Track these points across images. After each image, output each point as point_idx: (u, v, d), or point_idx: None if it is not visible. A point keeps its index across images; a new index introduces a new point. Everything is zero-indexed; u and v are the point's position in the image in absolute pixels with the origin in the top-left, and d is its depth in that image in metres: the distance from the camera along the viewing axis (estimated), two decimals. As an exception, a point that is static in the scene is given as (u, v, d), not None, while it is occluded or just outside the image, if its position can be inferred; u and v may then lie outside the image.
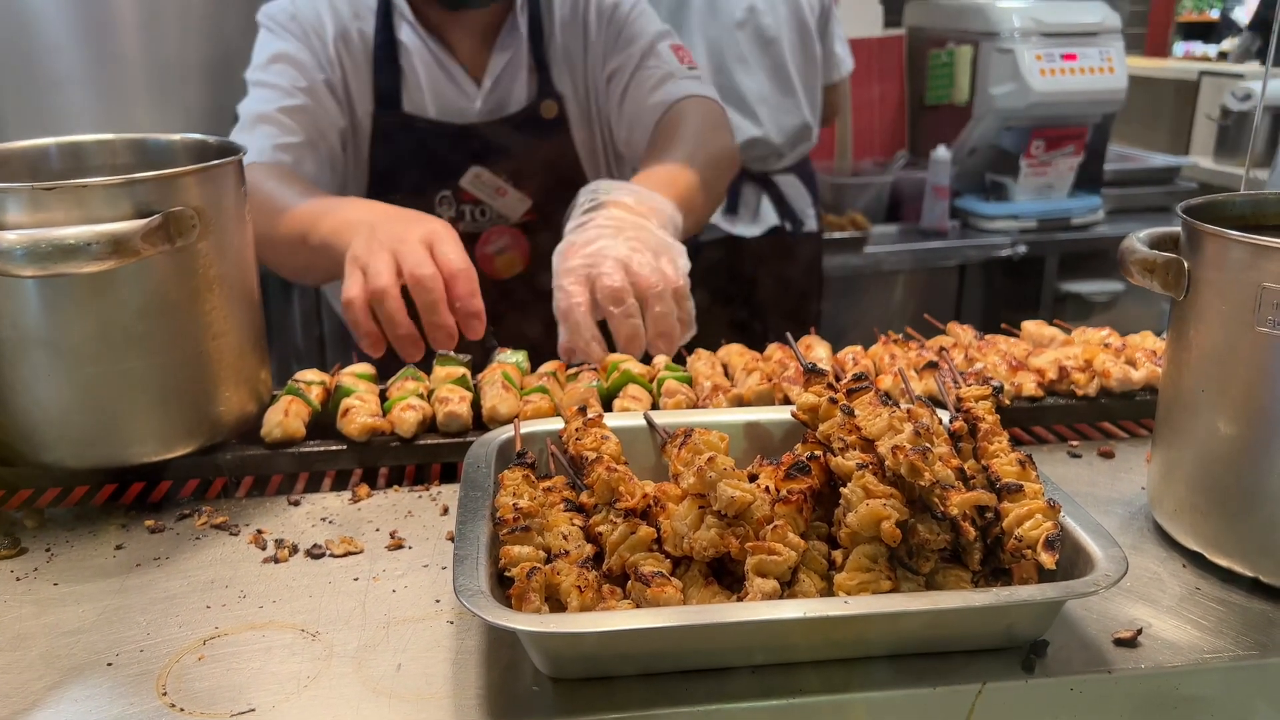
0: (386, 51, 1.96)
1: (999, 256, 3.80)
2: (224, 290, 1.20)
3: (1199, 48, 6.48)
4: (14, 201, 1.05)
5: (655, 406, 1.34)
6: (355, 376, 1.37)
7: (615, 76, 2.04)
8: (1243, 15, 6.68)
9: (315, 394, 1.33)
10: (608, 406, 1.34)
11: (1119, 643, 0.92)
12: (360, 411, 1.27)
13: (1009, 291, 3.95)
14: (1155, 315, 3.76)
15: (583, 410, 1.13)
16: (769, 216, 3.31)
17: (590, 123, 2.09)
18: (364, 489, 1.22)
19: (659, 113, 1.99)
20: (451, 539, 1.11)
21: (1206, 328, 1.01)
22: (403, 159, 1.99)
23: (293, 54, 1.92)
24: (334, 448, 1.27)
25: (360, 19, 1.97)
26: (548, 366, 1.44)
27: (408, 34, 1.96)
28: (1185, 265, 1.02)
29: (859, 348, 1.48)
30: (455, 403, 1.29)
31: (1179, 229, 1.07)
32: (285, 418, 1.26)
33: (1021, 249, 3.80)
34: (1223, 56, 6.19)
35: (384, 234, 1.45)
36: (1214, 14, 6.98)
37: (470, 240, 1.89)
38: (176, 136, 1.35)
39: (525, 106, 2.02)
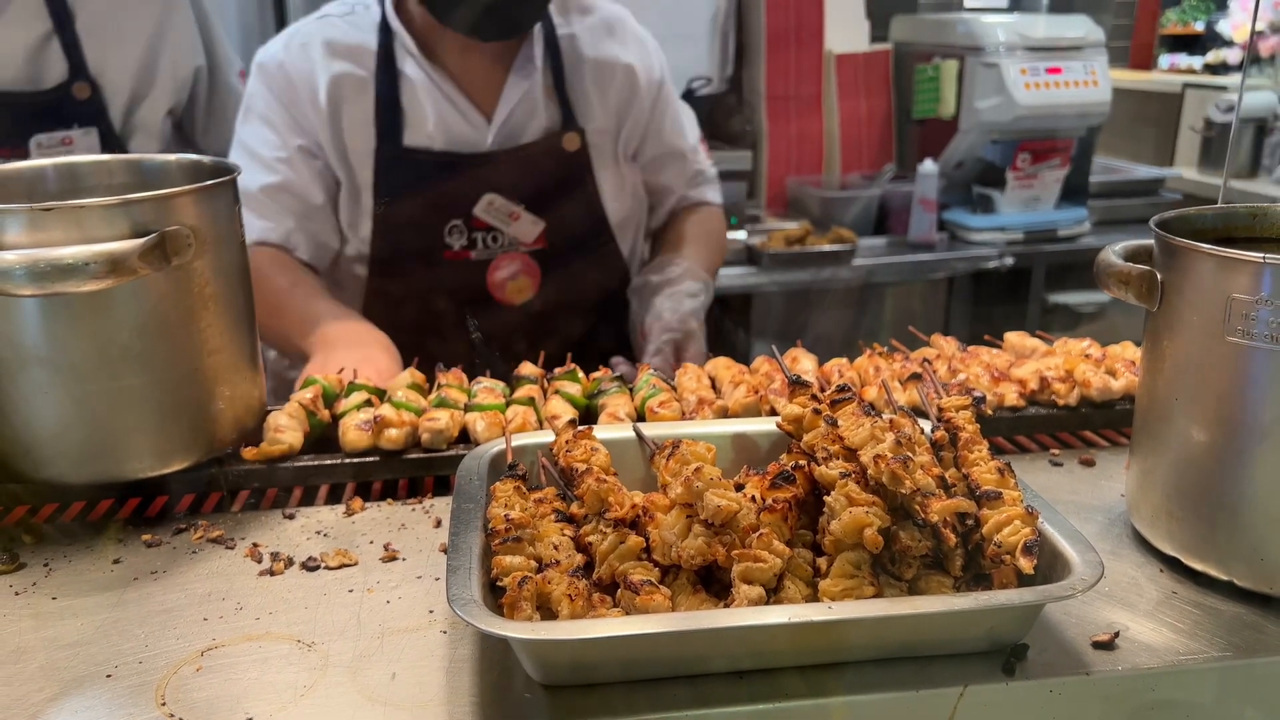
0: (388, 89, 1.95)
1: (986, 268, 3.83)
2: (219, 308, 1.21)
3: (1184, 60, 6.55)
4: (13, 222, 1.07)
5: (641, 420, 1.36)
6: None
7: (645, 149, 2.17)
8: (1227, 28, 6.74)
9: (314, 393, 1.37)
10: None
11: (1097, 646, 0.95)
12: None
13: (997, 303, 3.98)
14: (1141, 325, 3.79)
15: (572, 423, 1.15)
16: None
17: (618, 161, 2.12)
18: (358, 502, 1.24)
19: (684, 204, 2.27)
20: (444, 550, 1.12)
21: (1179, 338, 1.03)
22: (408, 194, 1.98)
23: (272, 117, 1.94)
24: (328, 462, 1.29)
25: (359, 62, 1.95)
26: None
27: (412, 68, 1.95)
28: (1158, 277, 1.05)
29: (844, 360, 1.51)
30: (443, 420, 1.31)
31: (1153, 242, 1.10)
32: (281, 433, 1.29)
33: (1009, 261, 3.82)
34: (1208, 69, 6.25)
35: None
36: (1198, 26, 7.04)
37: (482, 268, 2.00)
38: (172, 157, 1.38)
39: (542, 137, 2.02)
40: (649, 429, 1.17)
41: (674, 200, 2.26)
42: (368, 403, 1.37)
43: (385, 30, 1.95)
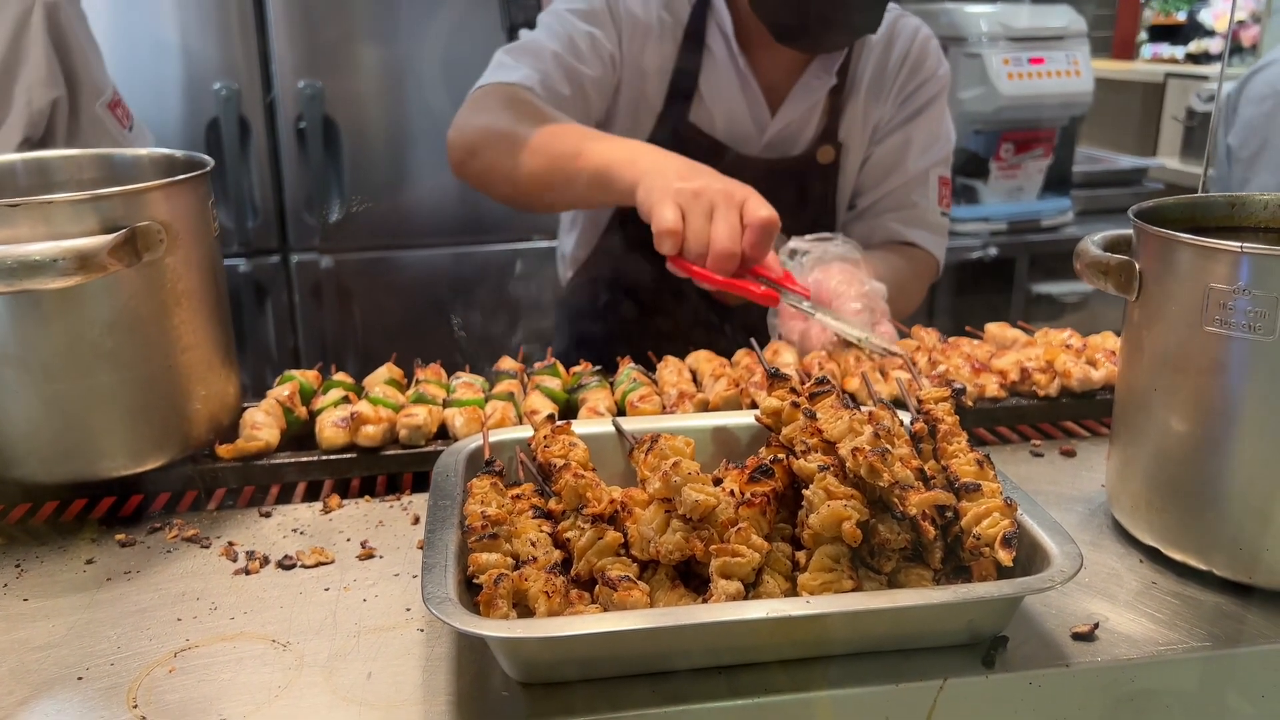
0: (691, 58, 1.89)
1: (970, 259, 3.84)
2: (192, 304, 1.20)
3: (1166, 49, 6.56)
4: (-21, 219, 1.05)
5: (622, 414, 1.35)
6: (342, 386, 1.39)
7: (883, 183, 2.02)
8: (1209, 18, 6.75)
9: (290, 391, 1.35)
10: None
11: (1077, 637, 0.94)
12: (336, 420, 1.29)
13: (981, 293, 3.99)
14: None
15: (551, 418, 1.14)
16: None
17: (856, 170, 2.04)
18: (335, 499, 1.23)
19: (895, 238, 2.03)
20: (422, 548, 1.11)
21: (1157, 328, 1.03)
22: None
23: (595, 35, 1.85)
24: (305, 459, 1.28)
25: (675, 14, 1.89)
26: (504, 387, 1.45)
27: (718, 43, 1.89)
28: (1136, 267, 1.05)
29: (824, 352, 1.50)
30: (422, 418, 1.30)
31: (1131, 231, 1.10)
32: (257, 430, 1.27)
33: (992, 251, 3.83)
34: (1190, 59, 6.26)
35: (697, 184, 1.46)
36: (1181, 16, 7.05)
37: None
38: (143, 151, 1.36)
39: (805, 151, 1.95)
40: (628, 423, 1.16)
41: (881, 228, 2.03)
42: (345, 399, 1.35)
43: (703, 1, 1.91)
